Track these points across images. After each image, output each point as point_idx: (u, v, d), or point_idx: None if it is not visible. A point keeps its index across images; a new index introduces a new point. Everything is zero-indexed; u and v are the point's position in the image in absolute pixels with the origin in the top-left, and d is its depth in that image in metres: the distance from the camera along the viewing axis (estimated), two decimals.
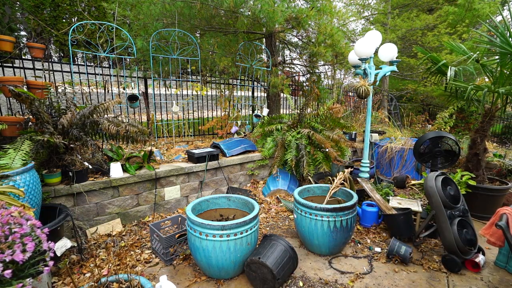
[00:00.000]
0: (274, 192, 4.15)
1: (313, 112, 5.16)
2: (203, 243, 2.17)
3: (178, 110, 4.79)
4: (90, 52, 4.14)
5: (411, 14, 8.32)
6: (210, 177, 3.95)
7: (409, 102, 10.16)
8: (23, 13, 4.28)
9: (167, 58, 4.72)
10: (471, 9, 7.51)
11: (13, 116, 3.19)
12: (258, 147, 4.73)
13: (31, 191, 2.14)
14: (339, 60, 6.48)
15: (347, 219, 2.62)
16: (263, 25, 5.12)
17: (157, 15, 4.47)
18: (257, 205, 2.44)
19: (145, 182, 3.34)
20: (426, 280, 2.41)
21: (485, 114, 3.64)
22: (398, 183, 4.69)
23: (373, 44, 3.30)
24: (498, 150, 5.76)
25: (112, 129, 2.86)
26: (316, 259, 2.69)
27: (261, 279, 2.17)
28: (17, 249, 1.17)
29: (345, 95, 9.23)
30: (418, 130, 7.45)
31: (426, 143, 3.53)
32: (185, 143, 4.92)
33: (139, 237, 2.98)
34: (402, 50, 8.41)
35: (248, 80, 5.93)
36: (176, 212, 3.61)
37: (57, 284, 2.20)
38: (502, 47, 3.14)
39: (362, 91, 3.18)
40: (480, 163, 3.69)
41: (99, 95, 6.12)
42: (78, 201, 2.89)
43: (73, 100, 3.14)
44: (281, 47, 7.19)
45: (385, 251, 2.83)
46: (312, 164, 4.29)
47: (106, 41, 4.16)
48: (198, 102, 6.10)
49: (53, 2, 11.33)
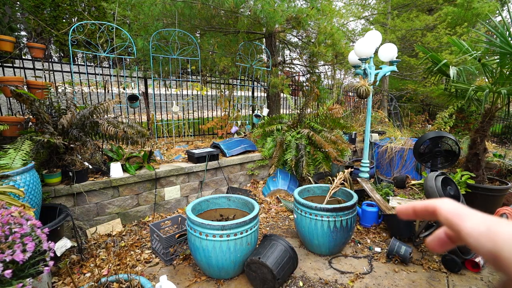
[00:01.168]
0: (274, 192, 4.15)
1: (313, 112, 5.16)
2: (203, 243, 2.17)
3: (178, 110, 4.79)
4: (90, 52, 4.14)
5: (410, 15, 8.32)
6: (210, 177, 3.95)
7: (409, 102, 10.16)
8: (23, 13, 4.28)
9: (167, 58, 4.72)
10: (470, 9, 7.51)
11: (14, 116, 3.19)
12: (258, 147, 4.73)
13: (31, 191, 2.14)
14: (339, 60, 6.48)
15: (347, 219, 2.62)
16: (263, 25, 5.12)
17: (157, 15, 4.47)
18: (257, 205, 2.44)
19: (145, 182, 3.34)
20: (426, 280, 2.41)
21: (485, 114, 3.64)
22: (398, 183, 4.69)
23: (373, 44, 3.30)
24: (498, 150, 5.77)
25: (111, 130, 2.86)
26: (316, 259, 2.70)
27: (261, 279, 2.17)
28: (17, 249, 1.17)
29: (345, 95, 9.23)
30: (418, 130, 7.46)
31: (426, 143, 3.53)
32: (185, 143, 4.92)
33: (139, 237, 2.99)
34: (402, 50, 8.41)
35: (248, 80, 5.93)
36: (176, 212, 3.61)
37: (57, 284, 2.20)
38: (501, 47, 3.14)
39: (362, 91, 3.18)
40: (480, 163, 3.69)
41: (99, 95, 6.12)
42: (78, 201, 2.89)
43: (73, 100, 3.14)
44: (281, 47, 7.20)
45: (385, 251, 2.83)
46: (312, 164, 4.30)
47: (106, 41, 4.17)
48: (198, 102, 6.10)
49: (53, 2, 11.34)
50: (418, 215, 0.36)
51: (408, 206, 0.37)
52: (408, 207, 0.37)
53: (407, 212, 0.37)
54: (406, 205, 0.37)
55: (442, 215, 0.32)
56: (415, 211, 0.36)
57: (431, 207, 0.34)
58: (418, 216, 0.36)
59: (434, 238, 0.36)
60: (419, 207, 0.35)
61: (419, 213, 0.36)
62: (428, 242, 0.37)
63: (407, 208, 0.37)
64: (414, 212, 0.36)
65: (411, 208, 0.37)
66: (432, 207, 0.34)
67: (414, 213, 0.36)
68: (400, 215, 0.38)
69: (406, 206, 0.37)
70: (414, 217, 0.37)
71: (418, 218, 0.36)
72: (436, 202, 0.33)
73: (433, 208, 0.33)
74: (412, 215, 0.37)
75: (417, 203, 0.36)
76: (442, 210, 0.32)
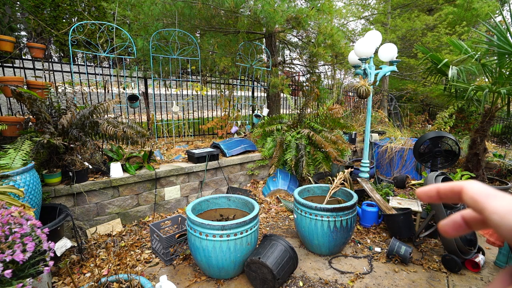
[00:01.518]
0: (274, 192, 4.15)
1: (313, 112, 5.17)
2: (203, 243, 2.17)
3: (178, 110, 4.79)
4: (90, 52, 4.14)
5: (411, 15, 8.32)
6: (210, 177, 3.95)
7: (409, 102, 10.16)
8: (23, 13, 4.28)
9: (167, 58, 4.72)
10: (470, 9, 7.51)
11: (14, 116, 3.19)
12: (258, 147, 4.73)
13: (31, 191, 2.14)
14: (339, 60, 6.48)
15: (347, 219, 2.62)
16: (263, 25, 5.12)
17: (157, 15, 4.47)
18: (257, 205, 2.44)
19: (145, 182, 3.34)
20: (426, 280, 2.41)
21: (485, 114, 3.64)
22: (398, 183, 4.69)
23: (373, 44, 3.30)
24: (498, 150, 5.77)
25: (110, 130, 2.87)
26: (316, 259, 2.70)
27: (261, 279, 2.17)
28: (17, 249, 1.17)
29: (345, 95, 9.23)
30: (418, 130, 7.45)
31: (426, 143, 3.53)
32: (185, 143, 4.92)
33: (139, 237, 2.99)
34: (402, 50, 8.41)
35: (248, 80, 5.93)
36: (176, 212, 3.61)
37: (57, 284, 2.20)
38: (500, 47, 3.14)
39: (362, 91, 3.18)
40: (480, 163, 3.70)
41: (99, 95, 6.12)
42: (78, 201, 2.89)
43: (73, 100, 3.14)
44: (281, 47, 7.20)
45: (385, 251, 2.83)
46: (312, 164, 4.30)
47: (106, 41, 4.17)
48: (198, 102, 6.11)
49: (53, 2, 11.33)
50: (442, 197, 0.34)
51: (431, 188, 0.35)
52: (432, 189, 0.35)
53: (430, 193, 0.35)
54: (429, 187, 0.35)
55: (469, 194, 0.30)
56: (439, 192, 0.34)
57: (457, 187, 0.32)
58: (441, 198, 0.34)
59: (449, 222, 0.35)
60: (444, 188, 0.34)
61: (443, 194, 0.34)
62: (441, 225, 0.35)
63: (430, 190, 0.35)
64: (438, 193, 0.34)
65: (435, 190, 0.34)
66: (458, 187, 0.32)
67: (438, 194, 0.34)
68: (421, 197, 0.36)
69: (428, 187, 0.35)
70: (437, 199, 0.35)
71: (441, 201, 0.35)
72: (463, 183, 0.32)
73: (459, 189, 0.32)
74: (435, 197, 0.35)
75: (442, 184, 0.34)
76: (469, 189, 0.31)
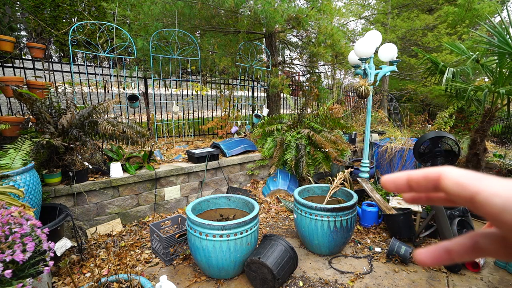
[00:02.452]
0: (274, 192, 4.15)
1: (313, 112, 5.16)
2: (203, 243, 2.17)
3: (178, 110, 4.79)
4: (90, 52, 4.14)
5: (411, 14, 8.32)
6: (210, 177, 3.95)
7: (409, 102, 10.16)
8: (23, 13, 4.28)
9: (167, 58, 4.72)
10: (471, 9, 7.51)
11: (14, 116, 3.19)
12: (258, 147, 4.73)
13: (31, 191, 2.14)
14: (339, 60, 6.48)
15: (347, 219, 2.62)
16: (263, 25, 5.12)
17: (157, 15, 4.47)
18: (257, 205, 2.44)
19: (145, 182, 3.34)
20: (426, 280, 2.41)
21: (485, 114, 3.64)
22: None
23: (373, 44, 3.30)
24: (498, 150, 5.77)
25: (109, 129, 2.87)
26: (316, 259, 2.70)
27: (261, 279, 2.17)
28: (17, 249, 1.17)
29: (345, 95, 9.23)
30: (418, 130, 7.45)
31: (426, 143, 3.53)
32: (185, 143, 4.92)
33: (139, 237, 2.99)
34: (402, 50, 8.41)
35: (248, 80, 5.93)
36: (176, 212, 3.61)
37: (57, 284, 2.20)
38: (500, 47, 3.15)
39: (362, 91, 3.18)
40: (480, 163, 3.70)
41: (99, 95, 6.13)
42: (78, 201, 2.89)
43: (73, 100, 3.14)
44: (281, 47, 7.20)
45: (385, 251, 2.83)
46: (312, 164, 4.30)
47: (106, 41, 4.17)
48: (198, 102, 6.11)
49: (53, 2, 11.33)
50: (413, 187, 0.28)
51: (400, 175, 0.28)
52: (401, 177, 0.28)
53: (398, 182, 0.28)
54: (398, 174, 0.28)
55: (452, 179, 0.25)
56: (409, 181, 0.28)
57: (433, 174, 0.26)
58: (412, 188, 0.28)
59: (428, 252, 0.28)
60: (416, 176, 0.27)
61: (415, 183, 0.27)
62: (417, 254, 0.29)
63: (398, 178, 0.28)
64: (408, 182, 0.28)
65: (404, 178, 0.28)
66: (435, 174, 0.26)
67: (408, 183, 0.28)
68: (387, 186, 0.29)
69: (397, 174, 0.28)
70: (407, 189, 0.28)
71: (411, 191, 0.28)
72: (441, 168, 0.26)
73: (436, 175, 0.26)
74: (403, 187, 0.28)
75: (414, 171, 0.27)
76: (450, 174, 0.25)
